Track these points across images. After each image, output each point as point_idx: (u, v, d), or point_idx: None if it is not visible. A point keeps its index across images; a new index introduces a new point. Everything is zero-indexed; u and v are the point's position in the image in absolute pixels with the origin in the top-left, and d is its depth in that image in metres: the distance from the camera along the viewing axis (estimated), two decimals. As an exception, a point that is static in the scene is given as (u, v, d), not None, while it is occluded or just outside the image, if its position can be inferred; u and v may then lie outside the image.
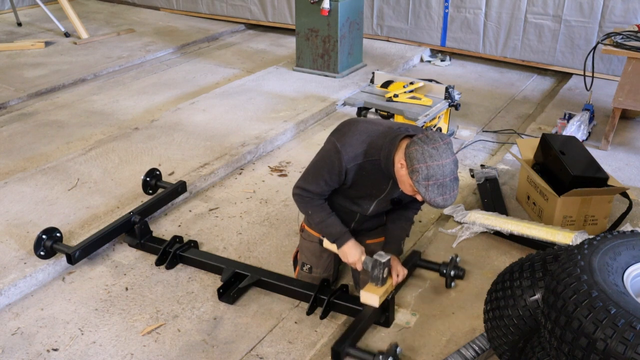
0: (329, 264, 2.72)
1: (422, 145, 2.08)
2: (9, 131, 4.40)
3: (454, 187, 2.11)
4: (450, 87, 4.15)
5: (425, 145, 2.08)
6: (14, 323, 2.61)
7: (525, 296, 1.98)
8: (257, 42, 6.65)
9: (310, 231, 2.71)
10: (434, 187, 2.07)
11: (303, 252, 2.74)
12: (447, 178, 2.07)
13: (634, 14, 4.89)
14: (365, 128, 2.33)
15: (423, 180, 2.07)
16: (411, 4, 5.93)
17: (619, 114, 3.94)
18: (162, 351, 2.44)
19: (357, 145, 2.28)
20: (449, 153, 2.09)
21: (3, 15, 7.57)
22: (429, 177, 2.06)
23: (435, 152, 2.06)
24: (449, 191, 2.09)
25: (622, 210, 3.18)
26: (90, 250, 2.91)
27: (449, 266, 2.73)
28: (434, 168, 2.05)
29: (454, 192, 2.11)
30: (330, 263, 2.72)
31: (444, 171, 2.06)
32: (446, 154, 2.08)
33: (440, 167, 2.06)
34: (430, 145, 2.07)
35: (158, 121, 4.41)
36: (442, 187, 2.07)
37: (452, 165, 2.09)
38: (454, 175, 2.10)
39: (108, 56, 5.99)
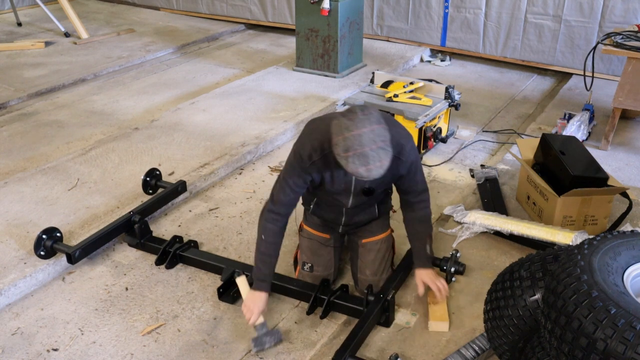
0: (329, 262, 2.72)
1: (340, 119, 2.06)
2: (9, 131, 4.40)
3: (380, 157, 2.03)
4: (450, 87, 4.15)
5: (343, 118, 2.06)
6: (14, 323, 2.61)
7: (525, 296, 1.98)
8: (257, 42, 6.66)
9: (309, 229, 2.72)
10: (354, 157, 2.01)
11: (303, 251, 2.75)
12: (367, 147, 2.00)
13: (634, 14, 4.89)
14: (317, 126, 2.34)
15: (343, 153, 2.03)
16: (411, 4, 5.93)
17: (619, 114, 3.94)
18: (162, 351, 2.44)
19: (310, 144, 2.30)
20: (367, 122, 2.04)
21: (3, 15, 7.57)
22: (347, 148, 2.02)
23: (351, 123, 2.03)
24: (372, 161, 2.02)
25: (622, 210, 3.18)
26: (90, 250, 2.91)
27: (449, 262, 2.73)
28: (351, 138, 2.01)
29: (380, 163, 2.04)
30: (330, 260, 2.72)
31: (362, 140, 2.00)
32: (363, 124, 2.03)
33: (358, 137, 2.00)
34: (347, 117, 2.05)
35: (158, 121, 4.41)
36: (364, 156, 2.01)
37: (372, 134, 2.02)
38: (377, 145, 2.02)
39: (108, 56, 5.99)
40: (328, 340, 2.49)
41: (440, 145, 4.19)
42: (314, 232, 2.71)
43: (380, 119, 2.09)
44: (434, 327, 2.52)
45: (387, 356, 2.37)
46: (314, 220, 2.73)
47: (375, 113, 2.11)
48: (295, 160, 2.33)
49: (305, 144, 2.32)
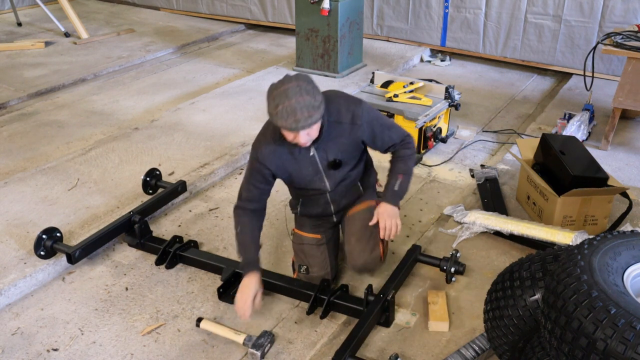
0: (323, 261, 2.71)
1: (273, 88, 2.19)
2: (9, 131, 4.40)
3: (306, 106, 2.14)
4: (450, 87, 4.15)
5: (272, 85, 2.20)
6: (14, 323, 2.61)
7: (525, 296, 1.98)
8: (257, 42, 6.65)
9: (300, 232, 2.75)
10: (283, 111, 2.13)
11: (297, 255, 2.76)
12: (293, 99, 2.12)
13: (634, 14, 4.89)
14: (267, 122, 2.46)
15: (273, 110, 2.16)
16: (411, 4, 5.93)
17: (619, 114, 3.94)
18: (162, 351, 2.44)
19: (263, 139, 2.44)
20: (294, 79, 2.16)
21: (3, 15, 7.57)
22: (276, 105, 2.14)
23: (278, 84, 2.17)
24: (299, 111, 2.13)
25: (622, 210, 3.18)
26: (91, 250, 2.91)
27: (449, 262, 2.73)
28: (277, 96, 2.14)
29: (307, 113, 2.14)
30: (325, 260, 2.72)
31: (288, 94, 2.13)
32: (288, 81, 2.16)
33: (282, 93, 2.13)
34: (277, 82, 2.19)
35: (158, 121, 4.41)
36: (290, 108, 2.12)
37: (297, 88, 2.14)
38: (302, 97, 2.13)
39: (108, 56, 5.99)
40: (328, 340, 2.49)
41: (440, 145, 4.19)
42: (304, 235, 2.73)
43: (310, 80, 2.20)
44: (434, 327, 2.52)
45: (387, 356, 2.37)
46: (305, 222, 2.75)
47: (306, 76, 2.22)
48: (254, 159, 2.46)
49: (259, 141, 2.45)
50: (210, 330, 2.49)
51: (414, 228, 3.26)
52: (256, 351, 2.36)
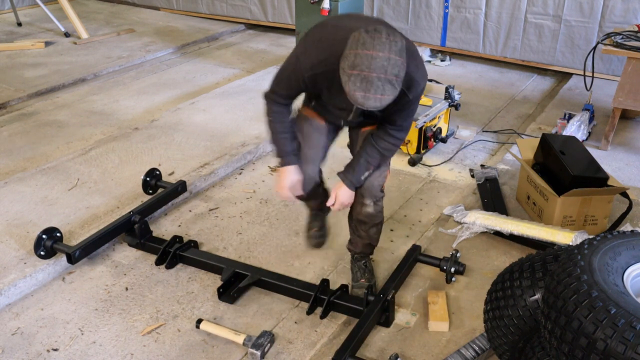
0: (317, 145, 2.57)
1: (362, 34, 1.88)
2: (9, 131, 4.41)
3: (384, 89, 1.87)
4: (450, 87, 4.15)
5: (365, 34, 1.88)
6: (14, 323, 2.61)
7: (525, 296, 1.98)
8: (257, 42, 6.65)
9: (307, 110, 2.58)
10: (357, 78, 1.86)
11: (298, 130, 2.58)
12: (375, 73, 1.84)
13: (634, 14, 4.89)
14: (329, 35, 2.16)
15: (348, 69, 1.88)
16: (411, 4, 5.93)
17: (619, 114, 3.94)
18: (162, 351, 2.44)
19: (315, 55, 2.15)
20: (387, 48, 1.85)
21: (3, 15, 7.57)
22: (354, 65, 1.85)
23: (370, 41, 1.85)
24: (374, 90, 1.86)
25: (622, 210, 3.18)
26: (90, 250, 2.91)
27: (449, 262, 2.73)
28: (362, 57, 1.84)
29: (381, 96, 1.87)
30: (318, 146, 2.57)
31: (372, 64, 1.83)
32: (382, 47, 1.85)
33: (369, 58, 1.84)
34: (369, 35, 1.87)
35: (158, 121, 4.41)
36: (367, 81, 1.85)
37: (386, 62, 1.85)
38: (387, 76, 1.85)
39: (108, 56, 5.99)
40: (328, 340, 2.49)
41: (440, 145, 4.19)
42: (310, 114, 2.57)
43: (403, 50, 1.91)
44: (434, 327, 2.52)
45: (387, 356, 2.37)
46: (313, 107, 2.57)
47: (401, 42, 1.91)
48: (294, 65, 2.21)
49: (309, 51, 2.16)
50: (210, 331, 2.49)
51: (414, 228, 3.26)
52: (256, 351, 2.36)
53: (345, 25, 2.13)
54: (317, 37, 2.19)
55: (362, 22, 2.12)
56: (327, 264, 2.95)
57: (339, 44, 2.01)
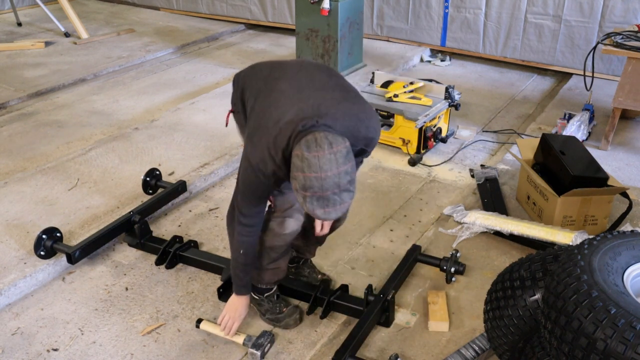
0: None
1: (304, 152, 1.83)
2: (9, 131, 4.40)
3: (342, 200, 1.85)
4: (450, 87, 4.15)
5: (307, 151, 1.82)
6: (14, 323, 2.61)
7: (525, 296, 1.98)
8: (257, 42, 6.65)
9: None
10: (312, 199, 1.83)
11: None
12: (329, 192, 1.81)
13: (634, 14, 4.89)
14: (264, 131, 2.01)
15: (301, 190, 1.84)
16: (411, 4, 5.93)
17: (619, 114, 3.94)
18: (162, 351, 2.44)
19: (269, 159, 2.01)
20: (334, 165, 1.81)
21: (3, 15, 7.57)
22: (306, 187, 1.82)
23: (315, 163, 1.80)
24: (332, 204, 1.83)
25: (622, 210, 3.18)
26: (90, 250, 2.91)
27: (449, 262, 2.73)
28: (311, 180, 1.81)
29: (341, 206, 1.85)
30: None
31: (324, 184, 1.80)
32: (329, 166, 1.80)
33: (319, 180, 1.80)
34: (312, 152, 1.81)
35: (158, 121, 4.41)
36: (323, 199, 1.82)
37: (337, 178, 1.81)
38: (340, 189, 1.83)
39: (108, 56, 5.99)
40: (328, 340, 2.49)
41: (440, 145, 4.19)
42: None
43: (348, 153, 1.87)
44: (434, 327, 2.52)
45: (387, 356, 2.37)
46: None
47: (343, 145, 1.86)
48: (255, 175, 2.08)
49: (261, 155, 2.02)
50: (210, 331, 2.49)
51: (414, 228, 3.26)
52: (256, 351, 2.36)
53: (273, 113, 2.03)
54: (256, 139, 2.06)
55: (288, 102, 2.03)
56: (327, 264, 2.95)
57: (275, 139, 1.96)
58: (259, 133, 2.05)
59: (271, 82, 2.16)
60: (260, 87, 2.19)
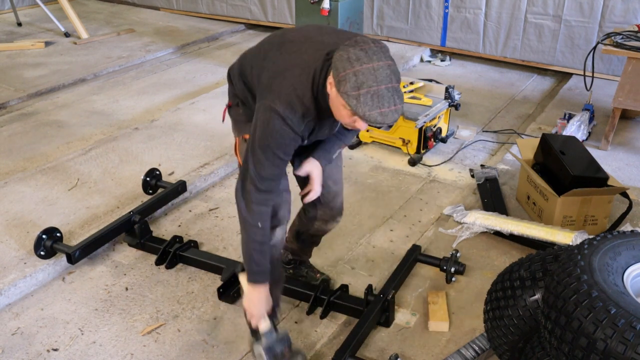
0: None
1: (348, 49, 1.70)
2: (9, 131, 4.40)
3: (395, 101, 1.70)
4: (450, 87, 4.15)
5: (351, 48, 1.70)
6: (14, 323, 2.61)
7: (525, 296, 1.98)
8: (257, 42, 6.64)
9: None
10: (367, 96, 1.66)
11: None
12: (383, 85, 1.67)
13: (634, 14, 4.89)
14: (286, 67, 1.88)
15: (352, 90, 1.66)
16: (411, 4, 5.93)
17: (619, 114, 3.94)
18: (162, 351, 2.44)
19: (296, 96, 1.85)
20: (382, 56, 1.71)
21: (3, 15, 7.57)
22: (360, 84, 1.66)
23: (364, 54, 1.68)
24: (387, 103, 1.68)
25: (622, 210, 3.18)
26: (90, 250, 2.91)
27: (449, 262, 2.73)
28: (364, 72, 1.66)
29: (395, 107, 1.70)
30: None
31: (377, 76, 1.67)
32: (378, 56, 1.69)
33: (372, 71, 1.66)
34: (357, 47, 1.69)
35: (158, 121, 4.41)
36: (378, 97, 1.67)
37: (388, 70, 1.69)
38: (392, 84, 1.69)
39: (108, 56, 5.99)
40: (328, 340, 2.49)
41: (440, 145, 4.19)
42: None
43: (389, 53, 1.76)
44: (434, 327, 2.52)
45: (387, 356, 2.37)
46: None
47: (382, 43, 1.76)
48: (282, 124, 1.85)
49: (287, 98, 1.84)
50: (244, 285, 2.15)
51: (414, 228, 3.26)
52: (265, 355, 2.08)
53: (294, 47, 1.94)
54: (278, 80, 1.89)
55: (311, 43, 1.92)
56: (327, 264, 2.95)
57: (305, 69, 1.84)
58: (278, 79, 1.88)
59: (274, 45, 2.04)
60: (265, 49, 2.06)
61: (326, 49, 1.87)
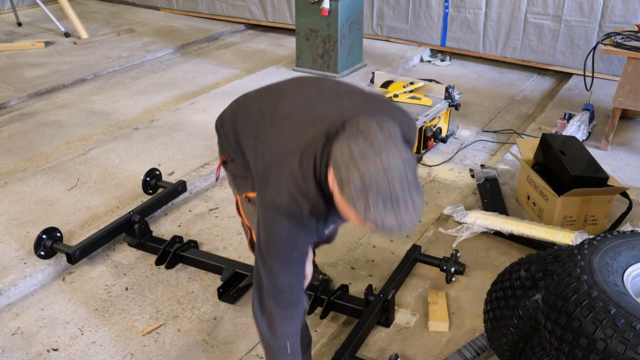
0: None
1: (349, 142, 1.38)
2: (9, 131, 4.40)
3: (413, 201, 1.37)
4: (450, 87, 4.15)
5: (352, 140, 1.38)
6: (14, 323, 2.61)
7: (525, 296, 1.98)
8: (257, 42, 6.65)
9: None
10: (378, 203, 1.34)
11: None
12: (397, 186, 1.34)
13: (634, 14, 4.89)
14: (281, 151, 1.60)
15: (359, 195, 1.35)
16: (411, 4, 5.93)
17: (619, 114, 3.94)
18: (162, 351, 2.44)
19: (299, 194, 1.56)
20: (392, 147, 1.37)
21: (3, 15, 7.57)
22: (367, 187, 1.33)
23: (369, 149, 1.35)
24: (404, 206, 1.35)
25: (622, 210, 3.18)
26: (90, 250, 2.91)
27: (449, 262, 2.73)
28: (371, 174, 1.33)
29: (414, 209, 1.37)
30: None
31: (389, 175, 1.34)
32: (387, 148, 1.36)
33: (381, 171, 1.34)
34: (361, 139, 1.37)
35: (158, 121, 4.41)
36: (392, 200, 1.34)
37: (401, 164, 1.36)
38: (409, 182, 1.36)
39: (108, 56, 5.99)
40: (328, 340, 2.49)
41: (440, 145, 4.19)
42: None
43: (399, 131, 1.45)
44: (434, 327, 2.52)
45: (387, 356, 2.37)
46: None
47: (393, 123, 1.45)
48: (288, 225, 1.58)
49: (289, 193, 1.56)
50: None
51: (415, 228, 3.26)
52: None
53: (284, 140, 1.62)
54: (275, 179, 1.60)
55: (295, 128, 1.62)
56: (327, 264, 2.95)
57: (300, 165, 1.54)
58: (275, 169, 1.59)
59: (269, 109, 1.76)
60: (257, 121, 1.77)
61: (326, 124, 1.57)
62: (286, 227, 1.58)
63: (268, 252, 1.62)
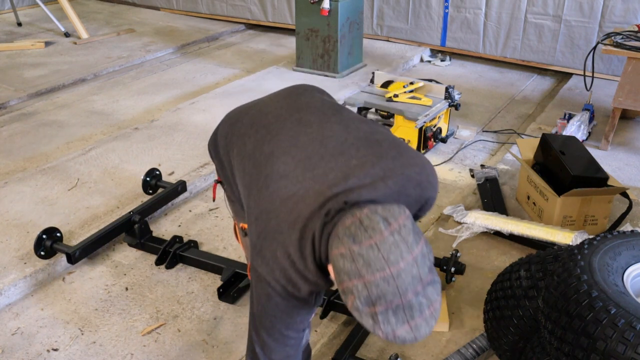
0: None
1: (351, 246, 1.21)
2: (9, 131, 4.40)
3: (430, 301, 1.22)
4: (450, 87, 4.15)
5: (355, 244, 1.21)
6: (14, 323, 2.61)
7: (525, 296, 1.98)
8: (257, 42, 6.65)
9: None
10: (387, 315, 1.18)
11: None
12: (410, 293, 1.18)
13: (634, 14, 4.89)
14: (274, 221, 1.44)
15: (365, 307, 1.19)
16: (411, 4, 5.93)
17: (619, 114, 3.94)
18: (162, 351, 2.44)
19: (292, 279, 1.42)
20: (404, 249, 1.20)
21: (3, 15, 7.57)
22: (374, 300, 1.18)
23: (376, 255, 1.18)
24: (418, 313, 1.19)
25: (622, 210, 3.18)
26: (90, 250, 2.91)
27: (449, 262, 2.73)
28: (378, 284, 1.17)
29: (430, 311, 1.22)
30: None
31: (399, 285, 1.17)
32: (397, 254, 1.19)
33: (390, 280, 1.17)
34: (365, 240, 1.20)
35: (158, 121, 4.41)
36: (404, 309, 1.18)
37: (414, 268, 1.19)
38: (423, 282, 1.21)
39: (108, 56, 5.99)
40: (328, 340, 2.49)
41: (440, 145, 4.19)
42: None
43: (413, 222, 1.28)
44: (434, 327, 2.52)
45: (387, 356, 2.37)
46: None
47: (404, 212, 1.27)
48: (286, 301, 1.45)
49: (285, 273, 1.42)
50: None
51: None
52: None
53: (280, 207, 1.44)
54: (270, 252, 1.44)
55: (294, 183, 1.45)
56: (327, 264, 2.95)
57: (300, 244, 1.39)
58: (271, 244, 1.43)
59: (265, 159, 1.55)
60: (250, 170, 1.59)
61: (326, 196, 1.39)
62: (282, 306, 1.45)
63: (263, 326, 1.50)
